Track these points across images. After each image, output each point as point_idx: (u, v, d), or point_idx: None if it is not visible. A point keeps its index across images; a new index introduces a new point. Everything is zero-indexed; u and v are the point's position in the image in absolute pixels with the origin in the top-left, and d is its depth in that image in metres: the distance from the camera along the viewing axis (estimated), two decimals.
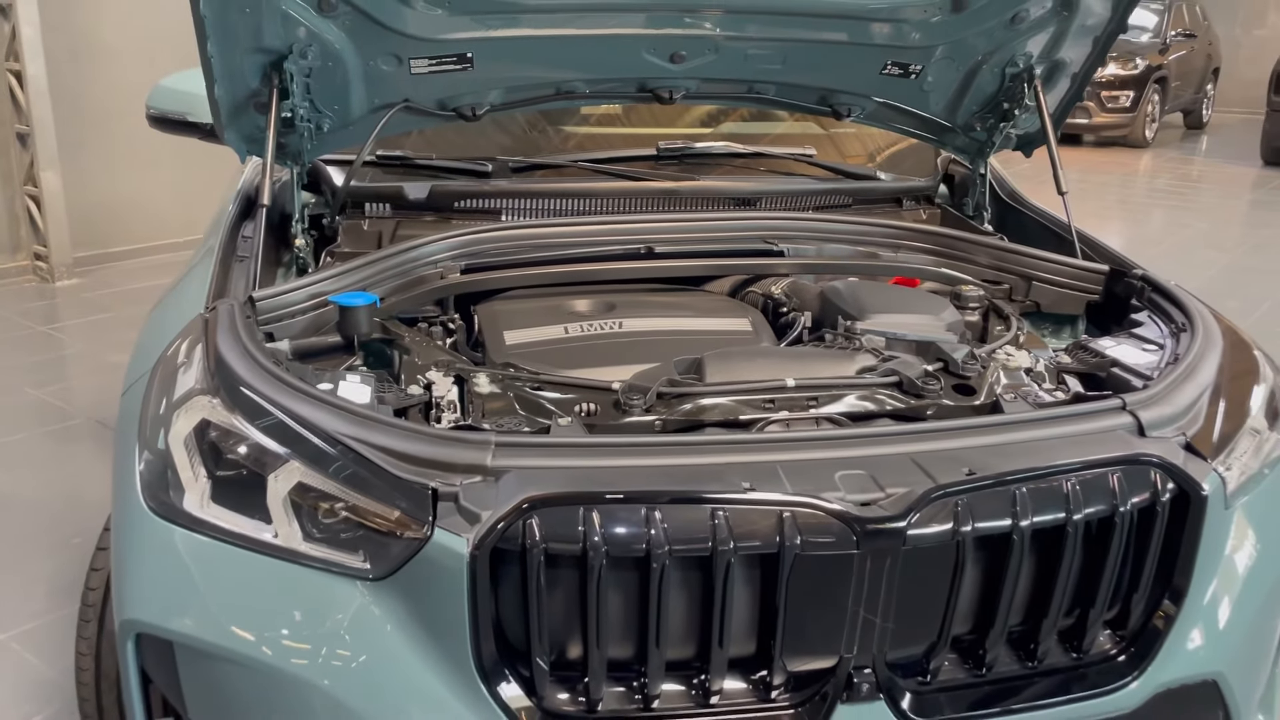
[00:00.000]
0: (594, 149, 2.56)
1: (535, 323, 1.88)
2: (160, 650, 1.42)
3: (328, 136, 2.11)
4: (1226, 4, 15.50)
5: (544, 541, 1.27)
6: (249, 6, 1.81)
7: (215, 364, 1.52)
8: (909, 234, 2.25)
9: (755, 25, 2.11)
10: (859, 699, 1.37)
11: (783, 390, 1.61)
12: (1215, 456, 1.51)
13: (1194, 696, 1.52)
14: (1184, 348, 1.72)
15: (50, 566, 3.04)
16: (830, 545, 1.30)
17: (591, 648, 1.32)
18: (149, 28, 6.23)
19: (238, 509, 1.42)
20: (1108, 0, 2.12)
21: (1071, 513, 1.38)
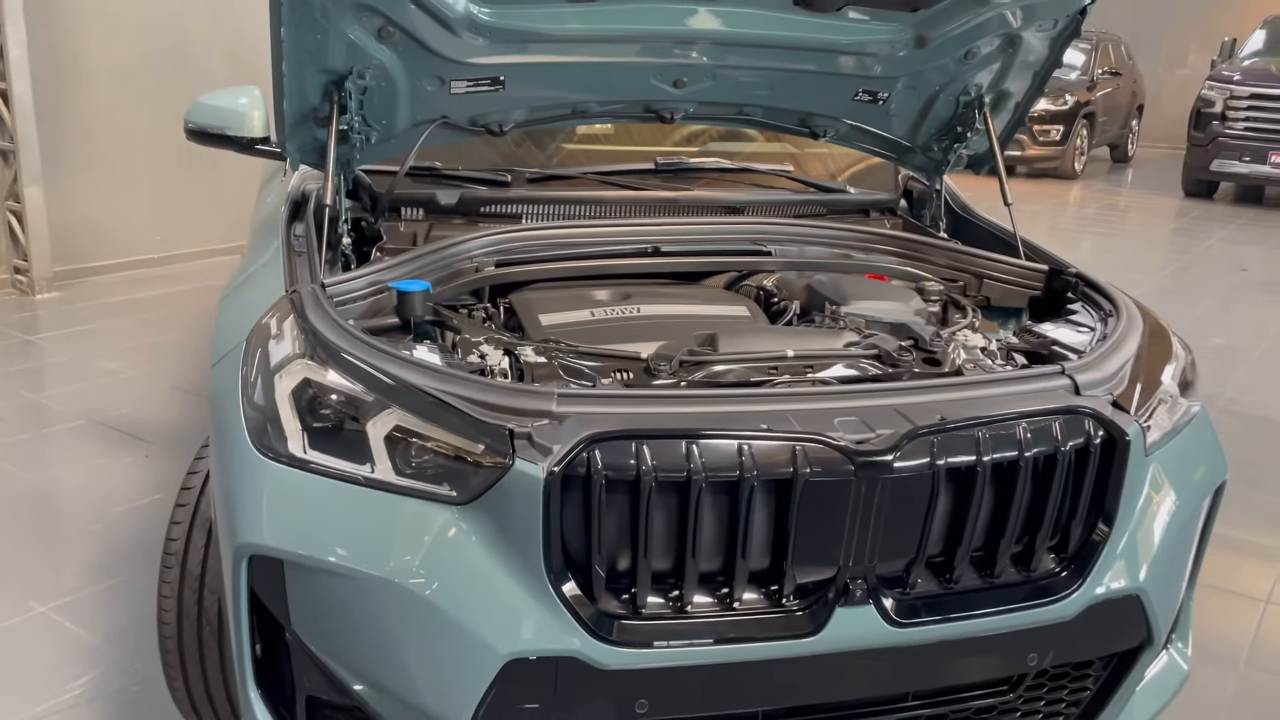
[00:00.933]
0: (600, 163, 2.88)
1: (565, 308, 2.18)
2: (269, 570, 1.68)
3: (374, 148, 2.40)
4: (1150, 45, 16.33)
5: (604, 470, 1.57)
6: (320, 32, 2.09)
7: (313, 334, 1.79)
8: (878, 238, 2.60)
9: (746, 56, 2.44)
10: (853, 604, 1.68)
11: (784, 359, 1.93)
12: (1136, 411, 1.85)
13: (1120, 609, 1.85)
14: (1111, 329, 2.08)
15: (76, 549, 3.24)
16: (833, 473, 1.62)
17: (640, 558, 1.61)
18: (130, 51, 6.42)
19: (333, 452, 1.69)
20: (1046, 40, 2.49)
21: (1023, 451, 1.71)
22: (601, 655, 1.60)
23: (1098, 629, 1.84)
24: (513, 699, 1.62)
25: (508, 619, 1.60)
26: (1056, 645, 1.82)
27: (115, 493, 3.61)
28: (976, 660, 1.80)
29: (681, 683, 1.66)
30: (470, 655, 1.60)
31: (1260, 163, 10.68)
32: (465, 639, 1.59)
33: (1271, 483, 4.03)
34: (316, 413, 1.73)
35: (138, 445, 4.01)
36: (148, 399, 4.49)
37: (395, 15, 2.10)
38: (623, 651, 1.61)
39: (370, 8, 2.07)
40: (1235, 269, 7.97)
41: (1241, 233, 9.60)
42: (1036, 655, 1.82)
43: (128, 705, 2.51)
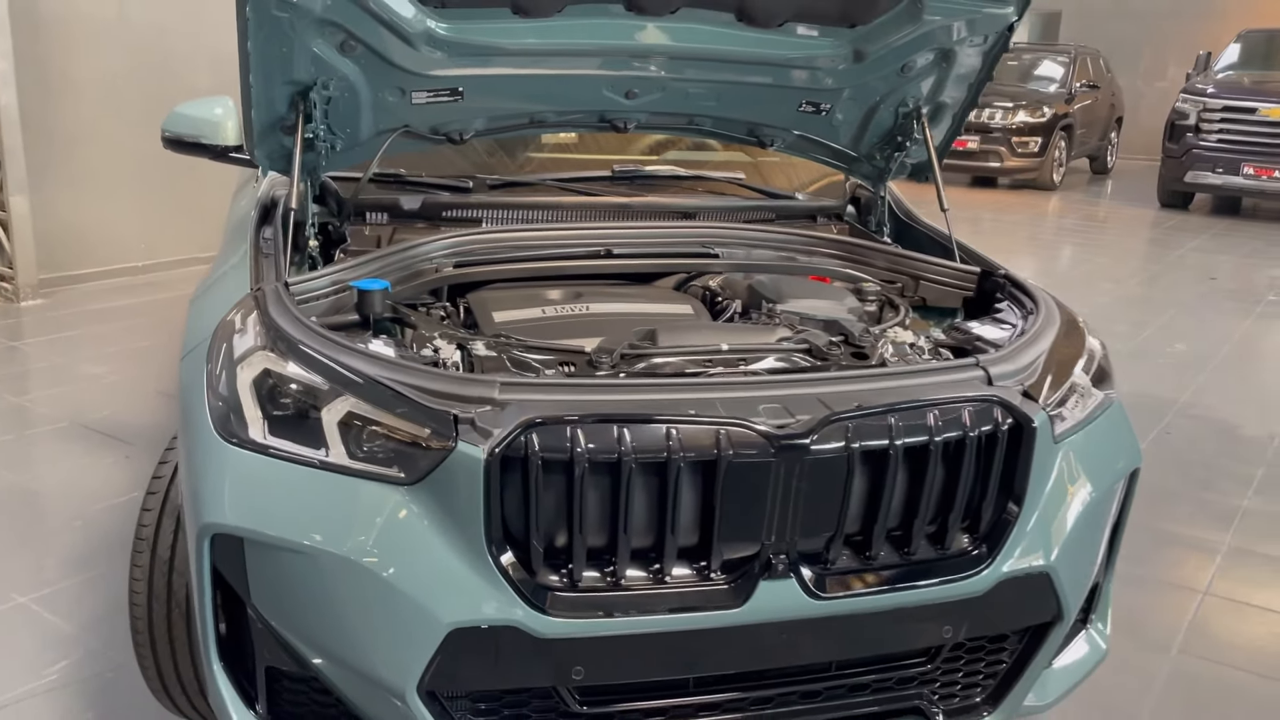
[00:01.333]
0: (559, 171, 3.01)
1: (518, 306, 2.31)
2: (230, 547, 1.80)
3: (339, 155, 2.52)
4: (1130, 58, 16.57)
5: (541, 452, 1.69)
6: (285, 45, 2.21)
7: (273, 329, 1.91)
8: (820, 242, 2.73)
9: (694, 69, 2.57)
10: (775, 577, 1.81)
11: (719, 352, 2.06)
12: (1045, 400, 1.98)
13: (1030, 586, 1.97)
14: (1028, 325, 2.21)
15: (57, 544, 3.35)
16: (754, 455, 1.74)
17: (575, 534, 1.74)
18: (115, 63, 6.55)
19: (290, 438, 1.81)
20: (978, 54, 2.62)
21: (933, 436, 1.84)
22: (539, 625, 1.72)
23: (1009, 604, 1.97)
24: (456, 666, 1.73)
25: (451, 591, 1.72)
26: (970, 619, 1.95)
27: (96, 491, 3.72)
28: (894, 632, 1.92)
29: (616, 651, 1.78)
30: (416, 625, 1.71)
31: (1233, 174, 10.86)
32: (411, 610, 1.71)
33: (1219, 483, 4.17)
34: (276, 401, 1.85)
35: (119, 446, 4.11)
36: (129, 402, 4.60)
37: (357, 30, 2.23)
38: (559, 621, 1.73)
39: (333, 23, 2.20)
40: (1204, 278, 8.13)
41: (1213, 242, 9.77)
42: (951, 628, 1.94)
43: (102, 690, 2.62)
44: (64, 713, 2.53)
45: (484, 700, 1.83)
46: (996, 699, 2.08)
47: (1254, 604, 3.26)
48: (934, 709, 2.03)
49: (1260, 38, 12.38)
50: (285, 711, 1.91)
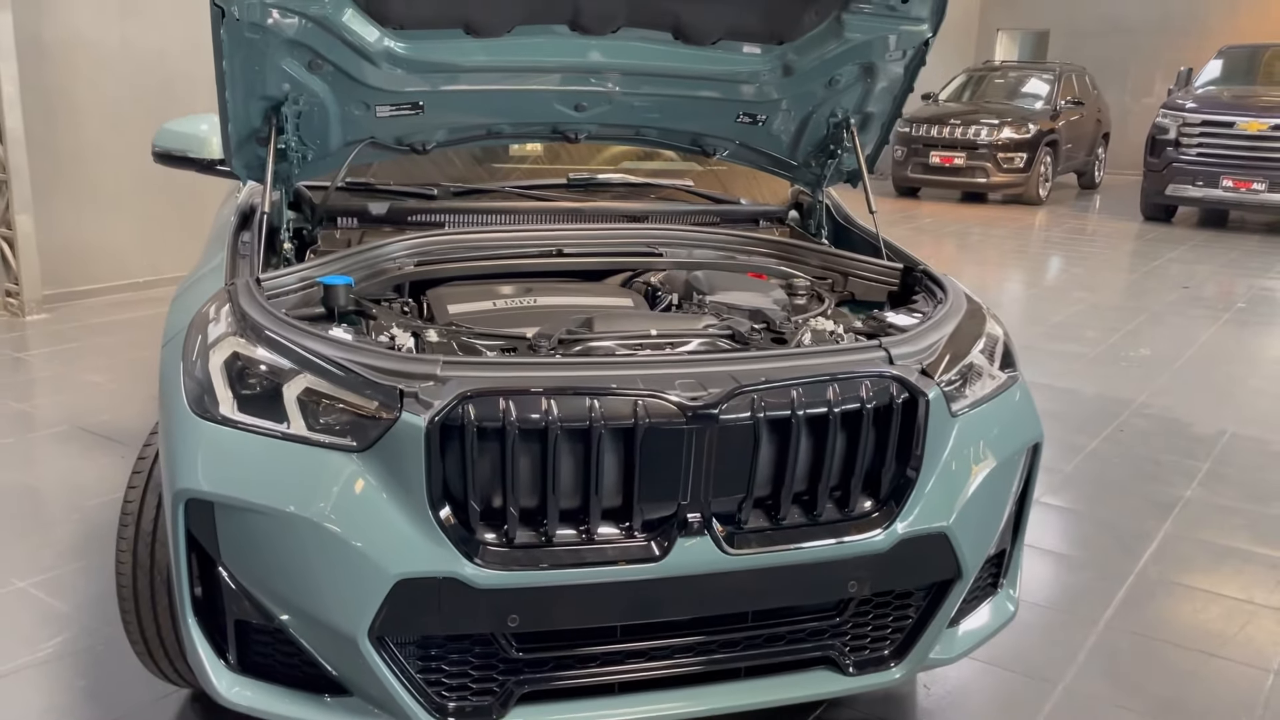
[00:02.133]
0: (518, 179, 3.24)
1: (472, 300, 2.52)
2: (203, 511, 2.00)
3: (310, 165, 2.74)
4: (1116, 74, 16.83)
5: (476, 421, 1.90)
6: (257, 64, 2.44)
7: (242, 316, 2.13)
8: (757, 242, 2.95)
9: (637, 84, 2.79)
10: (691, 534, 2.01)
11: (648, 337, 2.27)
12: (941, 377, 2.19)
13: (929, 544, 2.17)
14: (935, 312, 2.42)
15: (55, 535, 3.56)
16: (668, 423, 1.95)
17: (509, 496, 1.94)
18: (118, 86, 6.81)
19: (257, 414, 2.02)
20: (899, 67, 2.83)
21: (832, 407, 2.04)
22: (476, 576, 1.93)
23: (910, 562, 2.17)
24: (403, 613, 1.94)
25: (398, 546, 1.92)
26: (874, 575, 2.15)
27: (92, 487, 3.93)
28: (803, 585, 2.12)
29: (546, 601, 1.99)
30: (366, 577, 1.92)
31: (1213, 187, 11.08)
32: (362, 563, 1.92)
33: (1163, 476, 4.36)
34: (244, 381, 2.07)
35: (115, 447, 4.33)
36: (127, 407, 4.82)
37: (322, 49, 2.46)
38: (493, 573, 1.93)
39: (300, 43, 2.43)
40: (1177, 287, 8.33)
41: (1192, 254, 9.97)
42: (856, 583, 2.14)
43: (94, 660, 2.82)
44: (57, 681, 2.73)
45: (429, 646, 2.04)
46: (903, 651, 2.27)
47: (1181, 583, 3.45)
48: (845, 660, 2.23)
49: (1241, 54, 12.64)
50: (253, 661, 2.11)
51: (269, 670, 2.11)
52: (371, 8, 2.43)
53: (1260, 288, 8.45)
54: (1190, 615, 3.27)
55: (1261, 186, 10.82)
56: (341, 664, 2.02)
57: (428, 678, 2.04)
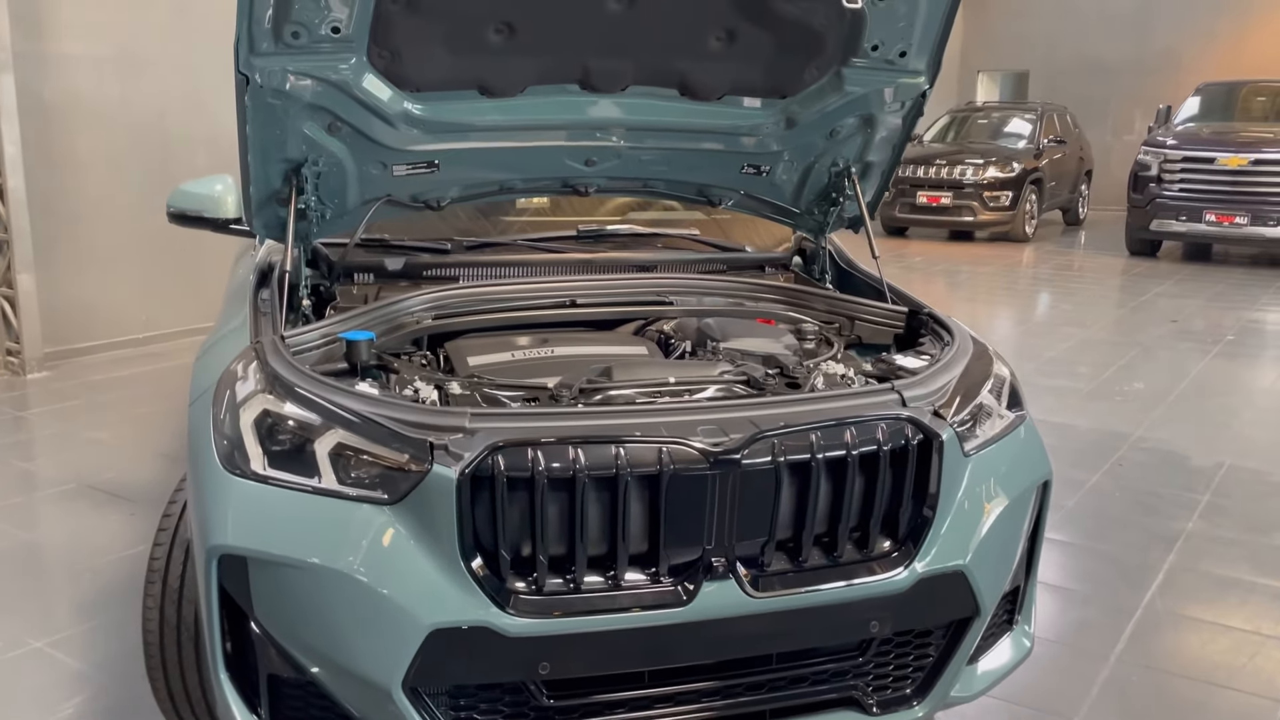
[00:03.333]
0: (532, 232, 3.31)
1: (490, 351, 2.57)
2: (236, 567, 2.04)
3: (329, 223, 2.81)
4: (1097, 112, 17.12)
5: (505, 471, 1.95)
6: (279, 128, 2.51)
7: (272, 374, 2.17)
8: (765, 289, 3.02)
9: (645, 138, 2.87)
10: (716, 578, 2.05)
11: (666, 384, 2.33)
12: (953, 418, 2.25)
13: (948, 583, 2.21)
14: (943, 355, 2.48)
15: (69, 593, 3.58)
16: (692, 469, 2.00)
17: (538, 544, 1.98)
18: (117, 145, 6.89)
19: (288, 469, 2.07)
20: (898, 118, 2.93)
21: (850, 450, 2.10)
22: (508, 624, 1.96)
23: (929, 600, 2.21)
24: (436, 663, 1.97)
25: (430, 596, 1.96)
26: (895, 614, 2.19)
27: (103, 545, 3.95)
28: (826, 626, 2.16)
29: (576, 647, 2.02)
30: (400, 627, 1.95)
31: (1196, 221, 11.26)
32: (396, 614, 1.95)
33: (1163, 509, 4.42)
34: (274, 438, 2.11)
35: (123, 504, 4.35)
36: (133, 464, 4.84)
37: (342, 113, 2.53)
38: (525, 621, 1.97)
39: (321, 107, 2.50)
40: (1165, 321, 8.44)
41: (1178, 288, 10.11)
42: (878, 623, 2.18)
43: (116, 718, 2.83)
44: None
45: (461, 696, 2.07)
46: (925, 689, 2.31)
47: (1188, 616, 3.49)
48: (868, 699, 2.26)
49: (1219, 90, 12.89)
50: (285, 715, 2.13)
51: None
52: (390, 72, 2.50)
53: (1248, 320, 8.57)
54: (1198, 648, 3.31)
55: (1244, 220, 10.99)
56: (375, 716, 2.04)
57: None
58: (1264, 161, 10.94)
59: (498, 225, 3.51)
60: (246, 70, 2.35)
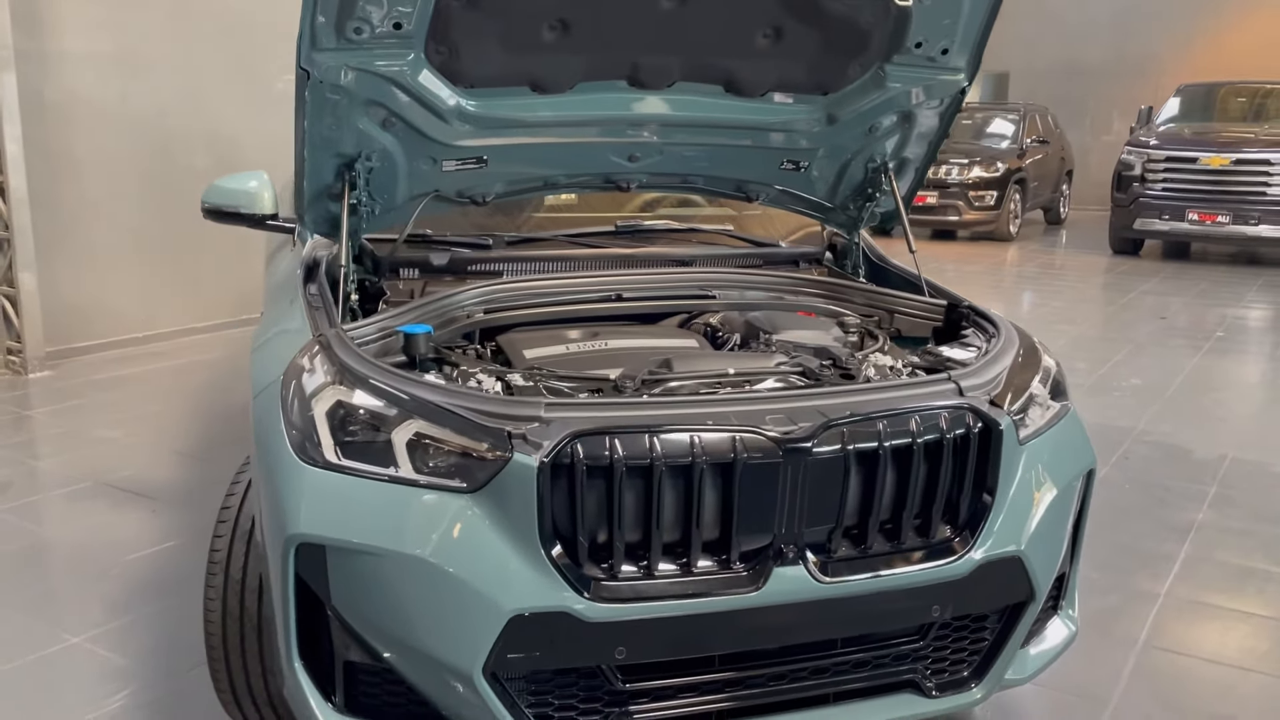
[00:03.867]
0: (564, 228, 3.35)
1: (545, 344, 2.61)
2: (314, 556, 2.06)
3: (378, 219, 2.84)
4: (1076, 113, 17.32)
5: (585, 459, 1.99)
6: (335, 123, 2.54)
7: (342, 367, 2.20)
8: (805, 283, 3.07)
9: (689, 135, 2.92)
10: (785, 564, 2.10)
11: (726, 375, 2.37)
12: (1009, 408, 2.30)
13: (1005, 569, 2.27)
14: (992, 346, 2.54)
15: (99, 589, 3.57)
16: (764, 457, 2.04)
17: (615, 530, 2.02)
18: (117, 144, 6.86)
19: (360, 458, 2.09)
20: (935, 115, 2.99)
21: (916, 438, 2.15)
22: (587, 610, 2.00)
23: (988, 585, 2.26)
24: (517, 648, 2.00)
25: (511, 583, 1.99)
26: (955, 599, 2.24)
27: (129, 542, 3.94)
28: (890, 611, 2.21)
29: (652, 632, 2.06)
30: (481, 614, 1.99)
31: (1179, 220, 11.43)
32: (477, 601, 1.98)
33: (1173, 500, 4.50)
34: (346, 428, 2.14)
35: (144, 502, 4.34)
36: (149, 462, 4.83)
37: (397, 109, 2.56)
38: (604, 607, 2.01)
39: (377, 103, 2.53)
40: (1155, 318, 8.57)
41: (1163, 285, 10.25)
42: (939, 607, 2.23)
43: (164, 713, 2.84)
44: None
45: (538, 681, 2.10)
46: (981, 672, 2.36)
47: (1208, 603, 3.57)
48: (927, 682, 2.31)
49: (1198, 92, 13.09)
50: (360, 702, 2.16)
51: (376, 710, 2.16)
52: (446, 68, 2.53)
53: (1235, 317, 8.71)
54: (1221, 633, 3.39)
55: (1225, 219, 11.17)
56: (452, 701, 2.07)
57: (537, 712, 2.10)
58: (1245, 161, 11.13)
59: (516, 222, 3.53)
60: (308, 65, 2.38)
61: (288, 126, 2.55)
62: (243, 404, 4.99)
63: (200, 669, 3.01)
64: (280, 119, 8.44)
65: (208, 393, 6.07)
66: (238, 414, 5.57)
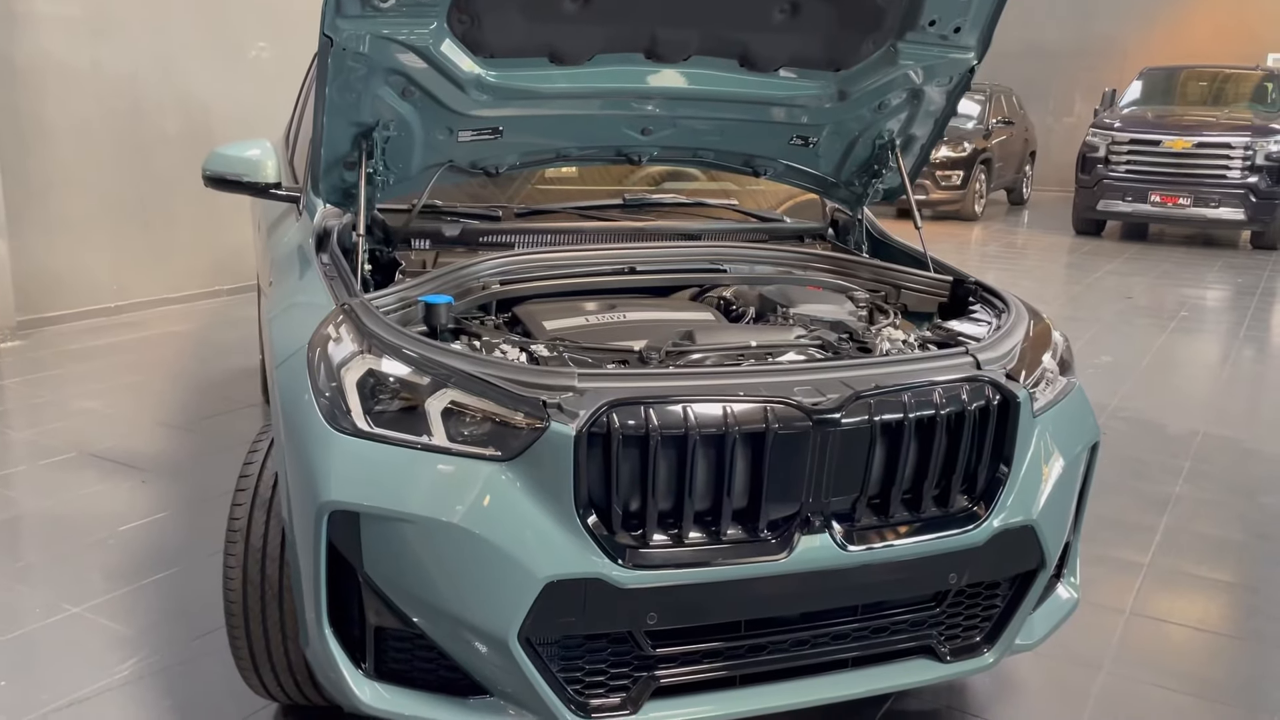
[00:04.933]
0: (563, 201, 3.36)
1: (564, 316, 2.62)
2: (347, 523, 2.07)
3: (392, 189, 2.83)
4: (1040, 95, 17.49)
5: (621, 428, 2.01)
6: (355, 92, 2.52)
7: (372, 336, 2.20)
8: (813, 258, 3.11)
9: (702, 108, 2.94)
10: (811, 532, 2.14)
11: (749, 348, 2.41)
12: (1023, 381, 2.36)
13: (1019, 537, 2.34)
14: (1003, 321, 2.60)
15: (95, 560, 3.54)
16: (795, 427, 2.08)
17: (649, 498, 2.05)
18: (88, 110, 6.73)
19: (395, 427, 2.10)
20: (944, 92, 3.03)
21: (939, 409, 2.20)
22: (621, 576, 2.03)
23: (1002, 553, 2.33)
24: (551, 614, 2.03)
25: (546, 549, 2.02)
26: (972, 566, 2.30)
27: (121, 513, 3.91)
28: (911, 579, 2.27)
29: (682, 599, 2.10)
30: (516, 580, 2.01)
31: (1142, 202, 11.63)
32: (512, 567, 2.01)
33: (1150, 474, 4.63)
34: (376, 396, 2.14)
35: (132, 473, 4.30)
36: (132, 433, 4.78)
37: (417, 77, 2.55)
38: (637, 573, 2.04)
39: (398, 71, 2.52)
40: (1121, 298, 8.74)
41: (1127, 266, 10.44)
42: (956, 575, 2.29)
43: (175, 681, 2.83)
44: (143, 703, 2.74)
45: (568, 646, 2.13)
46: (993, 638, 2.43)
47: (1190, 573, 3.69)
48: (942, 648, 2.38)
49: (1160, 75, 13.29)
50: (390, 668, 2.18)
51: (406, 676, 2.18)
52: (467, 37, 2.53)
53: (1197, 297, 8.91)
54: (1204, 601, 3.50)
55: (1187, 201, 11.38)
56: (484, 666, 2.10)
57: (569, 676, 2.13)
58: (1207, 145, 11.35)
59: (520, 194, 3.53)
60: (331, 32, 2.36)
61: (261, 93, 2.54)
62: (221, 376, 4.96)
63: (206, 638, 3.03)
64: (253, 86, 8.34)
65: (185, 363, 6.00)
66: (216, 385, 5.53)
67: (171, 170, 7.17)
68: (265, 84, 7.37)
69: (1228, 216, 11.27)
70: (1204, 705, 2.89)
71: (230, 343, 6.36)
